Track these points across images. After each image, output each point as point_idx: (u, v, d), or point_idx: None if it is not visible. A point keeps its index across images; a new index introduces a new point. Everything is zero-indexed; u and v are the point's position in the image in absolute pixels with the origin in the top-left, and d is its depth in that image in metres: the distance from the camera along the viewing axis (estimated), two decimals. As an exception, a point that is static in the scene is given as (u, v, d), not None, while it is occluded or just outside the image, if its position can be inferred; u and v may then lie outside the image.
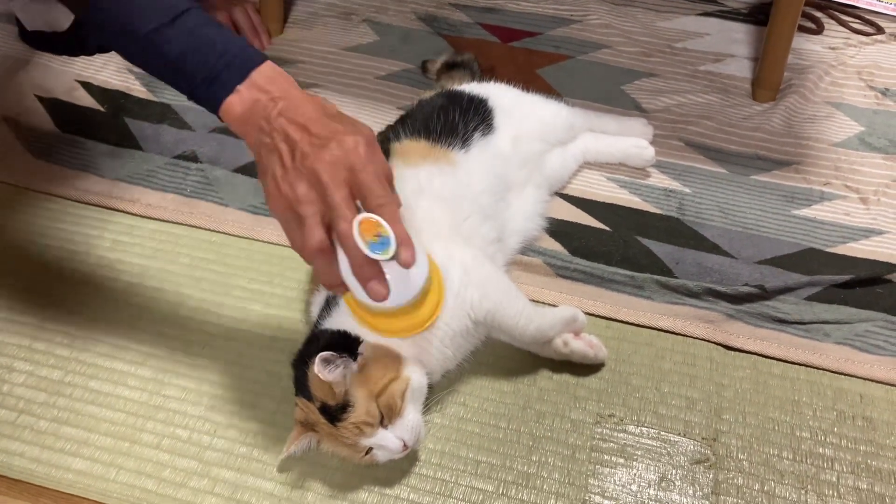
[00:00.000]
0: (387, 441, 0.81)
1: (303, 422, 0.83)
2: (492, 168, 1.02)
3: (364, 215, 0.72)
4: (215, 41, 0.76)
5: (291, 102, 0.75)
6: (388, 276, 0.74)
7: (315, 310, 0.92)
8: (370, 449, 0.82)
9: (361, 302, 0.76)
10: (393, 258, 0.73)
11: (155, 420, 0.92)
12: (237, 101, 0.75)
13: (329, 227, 0.73)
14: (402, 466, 0.87)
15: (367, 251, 0.71)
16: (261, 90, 0.75)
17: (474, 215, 0.96)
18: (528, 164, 1.08)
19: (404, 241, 0.73)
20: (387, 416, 0.81)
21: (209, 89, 0.76)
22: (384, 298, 0.74)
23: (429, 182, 0.95)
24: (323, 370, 0.78)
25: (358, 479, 0.86)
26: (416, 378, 0.83)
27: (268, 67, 0.76)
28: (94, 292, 1.05)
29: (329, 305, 0.89)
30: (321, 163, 0.71)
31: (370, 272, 0.73)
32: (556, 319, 0.92)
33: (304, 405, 0.82)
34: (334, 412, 0.80)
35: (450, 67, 1.29)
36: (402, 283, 0.75)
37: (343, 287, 0.75)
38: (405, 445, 0.81)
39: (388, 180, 0.75)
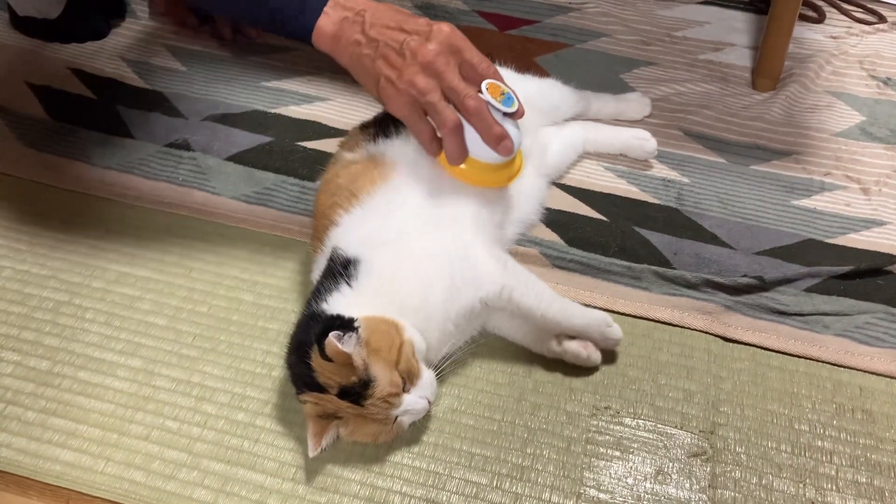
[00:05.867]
0: (413, 404, 0.81)
1: (319, 415, 0.81)
2: None
3: (488, 81, 0.86)
4: None
5: (376, 11, 0.86)
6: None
7: (316, 274, 0.91)
8: (395, 418, 0.81)
9: (474, 161, 0.88)
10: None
11: (144, 411, 0.90)
12: (327, 22, 0.86)
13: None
14: (396, 459, 0.86)
15: (502, 108, 0.85)
16: (344, 8, 0.86)
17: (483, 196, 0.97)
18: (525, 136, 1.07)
19: (516, 94, 0.86)
20: (409, 380, 0.81)
21: (300, 19, 0.85)
22: (512, 152, 0.87)
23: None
24: (339, 344, 0.77)
25: (350, 472, 0.85)
26: (416, 338, 0.84)
27: None
28: (84, 282, 1.03)
29: (324, 282, 0.87)
30: (431, 54, 0.82)
31: (501, 132, 0.85)
32: (585, 312, 0.91)
33: (315, 398, 0.80)
34: (358, 391, 0.78)
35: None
36: (514, 135, 0.87)
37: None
38: (429, 402, 0.83)
39: None
